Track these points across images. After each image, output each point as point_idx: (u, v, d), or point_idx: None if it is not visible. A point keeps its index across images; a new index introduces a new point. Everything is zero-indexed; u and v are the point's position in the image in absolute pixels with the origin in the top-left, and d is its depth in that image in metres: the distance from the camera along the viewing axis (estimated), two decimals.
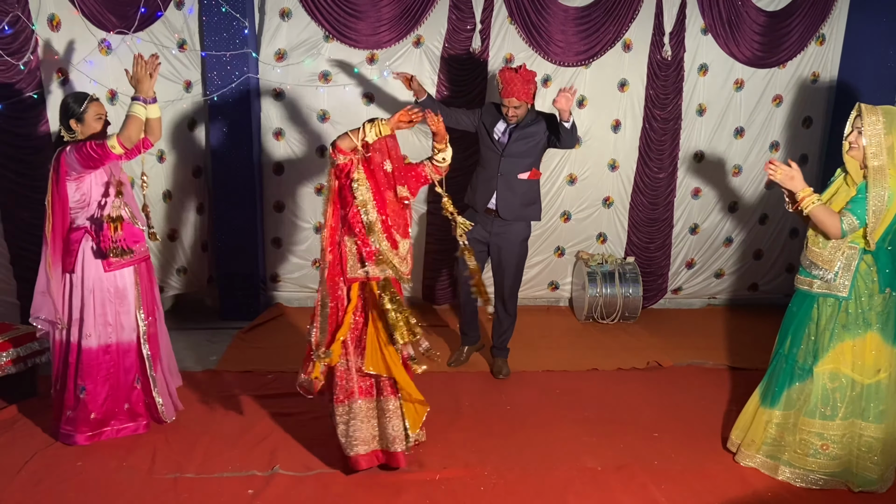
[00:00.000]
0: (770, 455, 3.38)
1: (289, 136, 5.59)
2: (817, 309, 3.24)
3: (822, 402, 3.23)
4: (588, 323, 5.70)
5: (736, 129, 5.81)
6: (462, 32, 5.36)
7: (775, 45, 5.60)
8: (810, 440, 3.27)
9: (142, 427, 3.69)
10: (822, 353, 3.22)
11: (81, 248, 3.46)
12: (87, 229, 3.46)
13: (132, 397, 3.66)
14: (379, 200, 3.23)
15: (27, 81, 4.30)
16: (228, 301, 5.64)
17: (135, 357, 3.63)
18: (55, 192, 3.42)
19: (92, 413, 3.53)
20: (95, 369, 3.51)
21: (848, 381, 3.20)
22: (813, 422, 3.26)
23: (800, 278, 3.32)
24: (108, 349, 3.54)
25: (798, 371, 3.30)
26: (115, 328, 3.54)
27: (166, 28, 5.14)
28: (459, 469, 3.41)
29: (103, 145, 3.30)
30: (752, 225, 6.03)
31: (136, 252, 3.58)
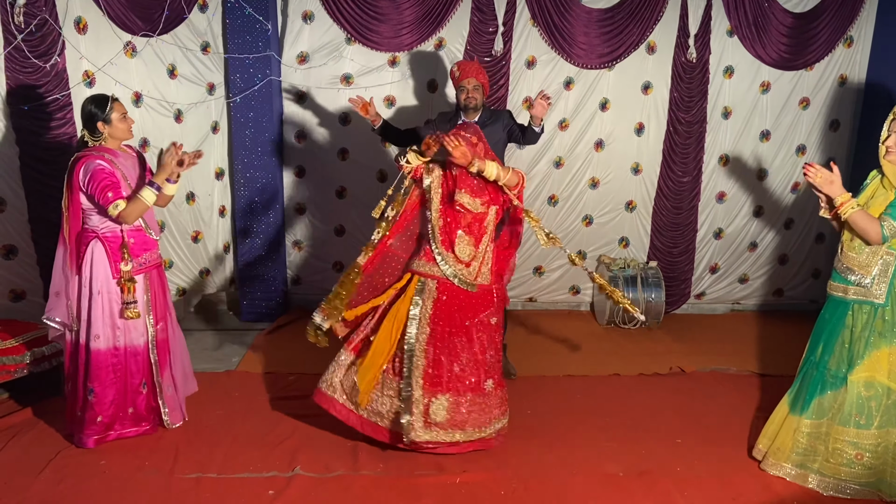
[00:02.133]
0: (799, 464, 3.31)
1: (311, 138, 5.61)
2: (852, 316, 3.17)
3: (856, 411, 3.16)
4: (609, 328, 5.65)
5: (762, 132, 5.74)
6: (484, 35, 5.35)
7: (802, 47, 5.52)
8: (844, 449, 3.19)
9: (143, 431, 3.67)
10: (857, 361, 3.14)
11: (90, 250, 3.46)
12: (96, 234, 3.46)
13: (137, 401, 3.64)
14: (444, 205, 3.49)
15: (54, 83, 4.35)
16: (250, 303, 5.66)
17: (143, 361, 3.61)
18: (69, 197, 3.46)
19: (99, 416, 3.53)
20: (104, 371, 3.51)
21: (884, 389, 3.12)
22: (847, 430, 3.18)
23: (833, 284, 3.25)
24: (117, 352, 3.53)
25: (830, 379, 3.22)
26: (123, 331, 3.53)
27: (190, 31, 5.19)
28: (479, 473, 3.39)
29: (107, 201, 3.33)
30: (777, 229, 5.95)
31: (147, 261, 3.58)
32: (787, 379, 4.47)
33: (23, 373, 3.90)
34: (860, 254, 3.12)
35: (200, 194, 5.56)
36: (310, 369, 4.60)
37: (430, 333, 3.41)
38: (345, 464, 3.44)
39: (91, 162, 3.37)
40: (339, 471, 3.38)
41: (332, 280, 5.86)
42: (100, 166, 3.36)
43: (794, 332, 5.48)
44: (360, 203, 5.72)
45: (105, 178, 3.35)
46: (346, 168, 5.66)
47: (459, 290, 3.45)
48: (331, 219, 5.78)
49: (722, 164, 5.79)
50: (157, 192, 3.42)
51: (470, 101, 4.32)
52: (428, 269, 3.50)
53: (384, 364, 3.44)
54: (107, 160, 3.39)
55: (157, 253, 3.67)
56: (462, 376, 3.40)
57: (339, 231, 5.80)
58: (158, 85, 5.10)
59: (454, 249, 3.46)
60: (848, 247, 3.17)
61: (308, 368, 4.61)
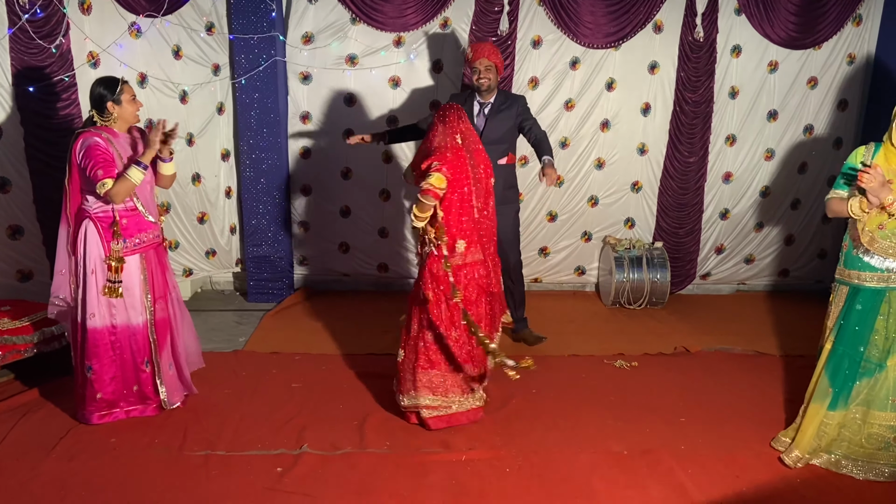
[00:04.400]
0: (828, 451, 3.29)
1: (316, 119, 5.61)
2: (888, 303, 3.12)
3: (893, 394, 3.13)
4: (614, 308, 5.66)
5: (769, 111, 5.70)
6: (490, 14, 5.31)
7: (811, 25, 5.47)
8: (882, 434, 3.18)
9: (150, 410, 3.69)
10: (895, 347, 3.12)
11: (83, 230, 3.47)
12: (89, 213, 3.47)
13: (141, 379, 3.66)
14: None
15: (59, 64, 4.37)
16: (256, 283, 5.69)
17: (143, 340, 3.62)
18: (70, 174, 3.47)
19: (98, 393, 3.55)
20: (102, 349, 3.53)
21: None
22: (884, 414, 3.16)
23: (865, 274, 3.15)
24: (114, 330, 3.55)
25: (864, 368, 3.18)
26: (119, 310, 3.53)
27: (195, 11, 5.17)
28: (485, 451, 3.42)
29: (96, 178, 3.33)
30: (783, 210, 5.93)
31: (141, 241, 3.57)
32: (793, 359, 4.52)
33: (32, 352, 3.94)
34: (893, 240, 3.06)
35: (206, 175, 5.57)
36: (315, 349, 4.65)
37: None
38: (351, 441, 3.48)
39: (89, 138, 3.38)
40: (345, 448, 3.42)
41: (339, 261, 5.94)
42: (96, 143, 3.37)
43: (800, 312, 5.50)
44: (366, 184, 5.72)
45: (99, 154, 3.35)
46: (351, 149, 5.64)
47: None
48: (336, 199, 5.79)
49: (728, 145, 5.77)
50: (144, 170, 3.39)
51: (482, 83, 4.33)
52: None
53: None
54: (104, 138, 3.39)
55: (154, 233, 3.63)
56: None
57: (344, 212, 5.81)
58: (163, 66, 5.10)
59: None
60: (880, 234, 3.08)
61: (313, 348, 4.66)
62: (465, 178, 3.52)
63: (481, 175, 3.61)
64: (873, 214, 3.10)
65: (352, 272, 5.95)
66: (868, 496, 3.11)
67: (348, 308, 5.53)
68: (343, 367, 4.39)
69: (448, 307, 3.54)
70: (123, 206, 3.47)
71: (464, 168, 3.52)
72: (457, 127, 3.55)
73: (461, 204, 3.52)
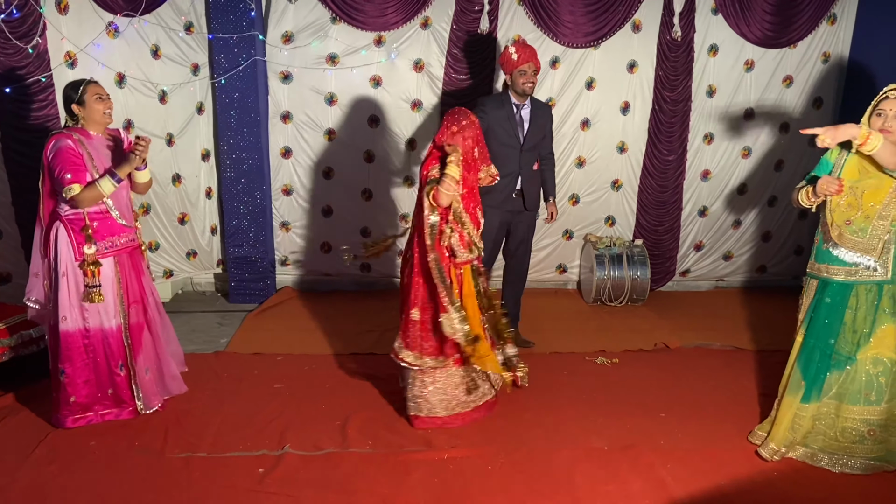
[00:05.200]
0: (804, 444, 3.34)
1: (296, 119, 5.59)
2: (856, 297, 3.18)
3: (866, 388, 3.19)
4: (596, 305, 5.71)
5: (746, 110, 5.77)
6: (470, 13, 5.33)
7: (786, 24, 5.54)
8: (855, 427, 3.23)
9: (126, 413, 3.66)
10: (865, 340, 3.17)
11: (54, 232, 3.44)
12: (60, 216, 3.44)
13: (116, 383, 3.62)
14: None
15: (35, 65, 4.32)
16: (238, 284, 5.67)
17: (118, 343, 3.59)
18: (44, 177, 3.44)
19: (72, 397, 3.52)
20: (75, 353, 3.50)
21: (893, 362, 3.17)
22: (856, 408, 3.22)
23: (833, 268, 3.21)
24: (88, 333, 3.51)
25: (835, 360, 3.24)
26: (92, 312, 3.50)
27: (173, 10, 5.14)
28: (467, 448, 3.44)
29: (63, 182, 3.29)
30: (760, 207, 6.01)
31: (113, 244, 3.54)
32: (770, 354, 4.58)
33: (9, 356, 3.90)
34: (863, 236, 3.12)
35: (187, 176, 5.54)
36: (297, 350, 4.64)
37: None
38: (334, 442, 3.48)
39: (60, 140, 3.35)
40: (328, 448, 3.42)
41: (321, 261, 5.93)
42: (67, 146, 3.33)
43: (778, 307, 5.57)
44: (348, 183, 5.72)
45: (68, 158, 3.32)
46: (332, 148, 5.65)
47: None
48: (318, 199, 5.78)
49: (706, 143, 5.83)
50: (117, 183, 3.38)
51: (528, 88, 4.29)
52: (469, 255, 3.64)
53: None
54: (75, 140, 3.36)
55: (128, 237, 3.60)
56: None
57: (326, 212, 5.80)
58: (142, 65, 5.06)
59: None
60: (848, 230, 3.15)
61: (296, 349, 4.65)
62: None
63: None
64: (842, 209, 3.17)
65: (334, 272, 5.95)
66: (843, 489, 3.17)
67: (331, 308, 5.52)
68: (326, 367, 4.39)
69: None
70: (96, 209, 3.44)
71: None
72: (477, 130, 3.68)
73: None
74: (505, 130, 4.36)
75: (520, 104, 4.40)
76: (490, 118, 4.31)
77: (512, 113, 4.38)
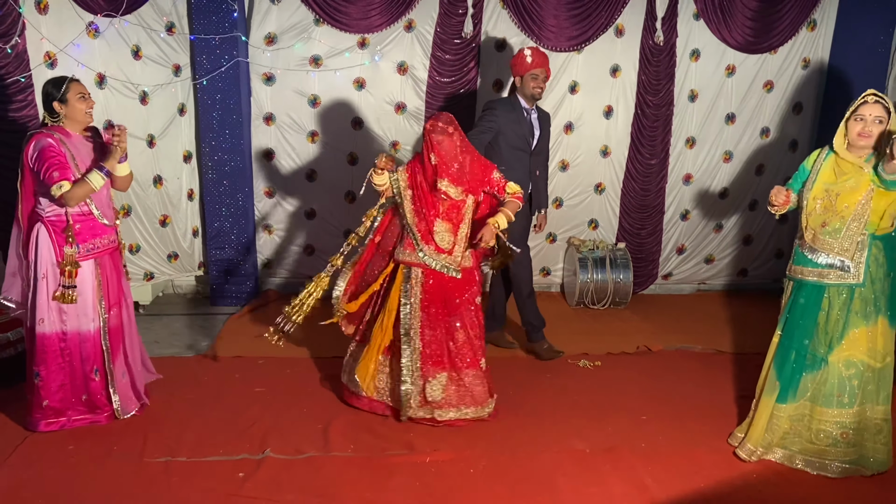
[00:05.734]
0: (782, 446, 3.37)
1: (279, 121, 5.57)
2: (829, 298, 3.22)
3: (838, 391, 3.22)
4: (579, 308, 5.72)
5: (727, 114, 5.82)
6: (454, 16, 5.33)
7: (767, 30, 5.59)
8: (829, 430, 3.25)
9: (102, 419, 3.60)
10: (837, 342, 3.20)
11: (35, 234, 3.40)
12: (41, 217, 3.40)
13: (90, 388, 3.57)
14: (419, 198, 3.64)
15: (14, 65, 4.27)
16: (220, 287, 5.63)
17: (94, 347, 3.54)
18: (22, 176, 3.40)
19: (45, 401, 3.47)
20: (50, 356, 3.45)
21: (865, 366, 3.20)
22: (829, 411, 3.24)
23: (805, 269, 3.26)
24: (64, 336, 3.47)
25: (810, 361, 3.27)
26: (70, 316, 3.46)
27: (154, 11, 5.10)
28: (449, 452, 3.43)
29: (51, 180, 3.25)
30: (741, 211, 6.06)
31: (95, 246, 3.51)
32: (751, 357, 4.61)
33: None
34: (836, 238, 3.16)
35: (168, 177, 5.49)
36: (279, 353, 4.58)
37: (422, 318, 3.60)
38: (315, 445, 3.47)
39: (41, 140, 3.31)
40: (309, 452, 3.40)
41: (304, 264, 5.89)
42: (49, 144, 3.30)
43: (759, 310, 5.62)
44: (331, 186, 5.70)
45: (52, 156, 3.28)
46: (316, 151, 5.63)
47: (444, 275, 3.62)
48: (301, 202, 5.75)
49: (688, 147, 5.87)
50: (107, 177, 3.36)
51: (538, 92, 4.31)
52: (412, 257, 3.63)
53: (379, 352, 3.70)
54: (56, 139, 3.33)
55: (109, 238, 3.57)
56: (459, 354, 3.62)
57: (309, 214, 5.78)
58: (123, 66, 5.01)
59: (435, 239, 3.59)
60: (823, 232, 3.19)
61: (277, 352, 4.58)
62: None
63: None
64: (817, 213, 3.23)
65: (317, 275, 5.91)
66: (821, 491, 3.20)
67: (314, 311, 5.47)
68: (308, 370, 4.37)
69: None
70: (78, 210, 3.41)
71: None
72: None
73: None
74: (516, 134, 4.33)
75: (529, 109, 4.40)
76: (501, 121, 4.28)
77: (523, 117, 4.36)
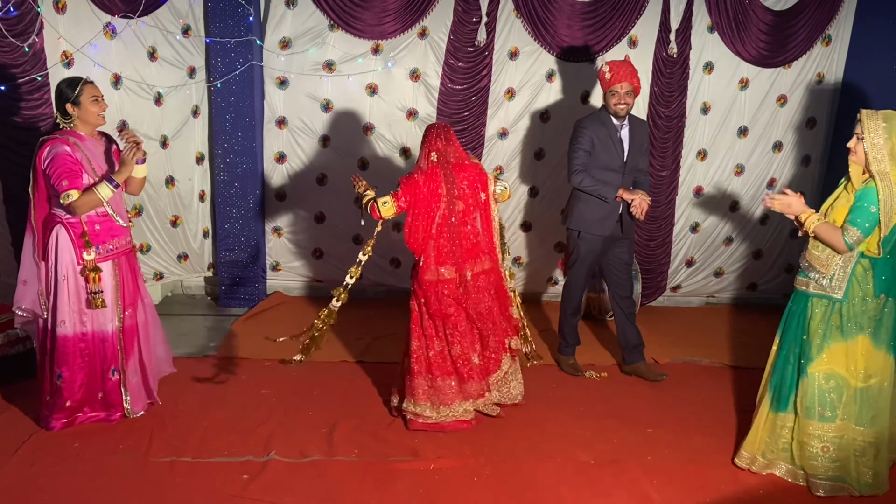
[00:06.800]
0: (786, 460, 3.34)
1: (292, 124, 5.59)
2: (811, 308, 3.24)
3: (819, 403, 3.21)
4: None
5: (740, 128, 5.80)
6: (468, 25, 5.35)
7: (781, 44, 5.58)
8: (810, 443, 3.24)
9: (116, 417, 3.64)
10: (816, 353, 3.20)
11: (55, 235, 3.43)
12: (60, 219, 3.43)
13: (107, 387, 3.61)
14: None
15: (31, 63, 4.31)
16: (228, 288, 5.65)
17: (112, 347, 3.58)
18: (35, 181, 3.42)
19: (68, 401, 3.51)
20: (71, 357, 3.48)
21: (844, 381, 3.19)
22: (811, 423, 3.23)
23: (798, 279, 3.31)
24: (85, 337, 3.51)
25: (793, 370, 3.29)
26: (90, 316, 3.50)
27: (171, 13, 5.14)
28: (453, 459, 3.43)
29: (61, 188, 3.28)
30: (752, 225, 6.03)
31: (114, 247, 3.55)
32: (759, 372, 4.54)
33: None
34: (822, 252, 3.18)
35: (180, 178, 5.53)
36: (286, 355, 4.59)
37: None
38: (320, 449, 3.47)
39: (56, 146, 3.33)
40: (314, 456, 3.41)
41: (313, 267, 5.91)
42: (64, 151, 3.32)
43: (767, 325, 5.53)
44: (341, 190, 5.70)
45: (65, 164, 3.30)
46: (327, 155, 5.65)
47: None
48: (311, 206, 5.77)
49: (700, 159, 5.85)
50: (115, 189, 3.38)
51: (621, 108, 4.15)
52: None
53: None
54: (71, 144, 3.35)
55: (125, 239, 3.62)
56: None
57: (318, 218, 5.79)
58: (138, 67, 5.05)
59: None
60: (812, 245, 3.23)
61: (285, 354, 4.60)
62: (435, 197, 3.61)
63: (465, 190, 3.66)
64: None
65: (325, 279, 5.93)
66: None
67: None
68: (314, 373, 4.37)
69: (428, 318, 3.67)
70: (95, 213, 3.44)
71: (435, 187, 3.61)
72: (433, 145, 3.67)
73: (427, 222, 3.63)
74: (607, 152, 4.22)
75: (619, 124, 4.26)
76: (589, 140, 4.20)
77: (614, 133, 4.24)
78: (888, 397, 3.22)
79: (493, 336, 3.76)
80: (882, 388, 3.20)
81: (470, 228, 3.70)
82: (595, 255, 4.40)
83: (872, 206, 3.04)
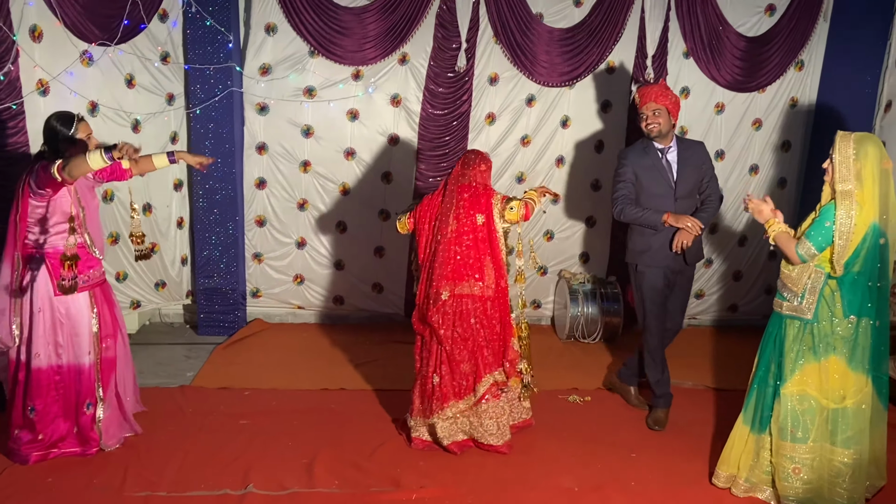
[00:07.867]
0: (768, 483, 3.34)
1: (272, 150, 5.58)
2: (785, 328, 3.27)
3: (791, 424, 3.22)
4: (569, 342, 5.69)
5: (716, 151, 5.87)
6: (447, 51, 5.39)
7: (755, 69, 5.67)
8: (783, 463, 3.25)
9: (91, 452, 3.55)
10: (789, 374, 3.22)
11: (30, 268, 3.38)
12: (40, 253, 3.38)
13: (82, 421, 3.53)
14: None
15: (6, 92, 4.27)
16: (207, 316, 5.58)
17: (90, 381, 3.52)
18: (15, 209, 3.37)
19: (40, 434, 3.44)
20: (45, 390, 3.42)
21: (816, 403, 3.20)
22: (784, 444, 3.23)
23: (775, 300, 3.36)
24: (60, 370, 3.45)
25: (767, 390, 3.32)
26: (66, 349, 3.44)
27: (149, 40, 5.12)
28: (436, 488, 3.38)
29: (47, 167, 3.21)
30: (731, 247, 6.08)
31: (90, 278, 3.50)
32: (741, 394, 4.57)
33: None
34: (792, 271, 3.25)
35: (158, 205, 5.47)
36: (266, 384, 4.56)
37: None
38: (299, 481, 3.41)
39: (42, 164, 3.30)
40: (293, 488, 3.34)
41: (293, 293, 5.86)
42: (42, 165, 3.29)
43: (749, 346, 5.55)
44: (323, 216, 5.69)
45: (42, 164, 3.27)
46: (308, 181, 5.63)
47: None
48: (292, 231, 5.74)
49: None
50: (108, 161, 3.19)
51: (652, 129, 3.99)
52: None
53: None
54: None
55: (100, 270, 3.58)
56: None
57: (300, 244, 5.76)
58: (116, 94, 5.02)
59: None
60: (784, 264, 3.30)
61: (264, 383, 4.57)
62: (432, 218, 3.74)
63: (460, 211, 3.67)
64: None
65: (306, 305, 5.89)
66: None
67: (302, 342, 5.45)
68: (294, 402, 4.31)
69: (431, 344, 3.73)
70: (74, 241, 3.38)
71: (433, 207, 3.75)
72: (455, 169, 3.82)
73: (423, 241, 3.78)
74: (653, 179, 4.04)
75: (664, 147, 4.08)
76: (631, 170, 4.06)
77: (657, 159, 4.06)
78: (867, 419, 3.21)
79: (467, 363, 3.66)
80: (860, 409, 3.19)
81: (457, 249, 3.66)
82: (658, 290, 4.10)
83: (828, 221, 3.10)
